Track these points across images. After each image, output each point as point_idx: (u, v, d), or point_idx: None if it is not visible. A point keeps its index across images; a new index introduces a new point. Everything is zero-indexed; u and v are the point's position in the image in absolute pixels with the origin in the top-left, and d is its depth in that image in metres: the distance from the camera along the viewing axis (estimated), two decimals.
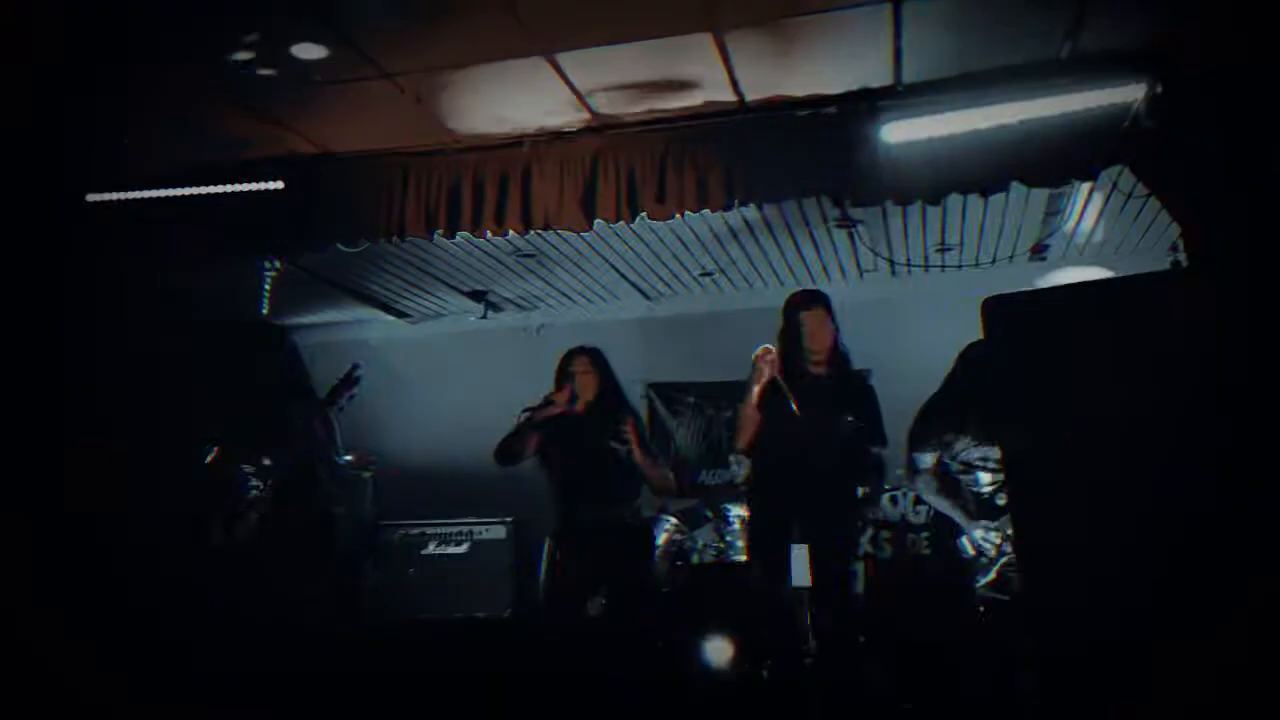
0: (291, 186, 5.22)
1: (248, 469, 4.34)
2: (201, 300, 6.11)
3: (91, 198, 5.29)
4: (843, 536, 4.28)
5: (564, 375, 4.89)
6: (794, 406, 4.13)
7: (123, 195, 5.31)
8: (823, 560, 4.11)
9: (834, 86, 4.59)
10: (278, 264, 6.55)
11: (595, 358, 4.94)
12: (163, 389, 4.96)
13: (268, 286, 6.95)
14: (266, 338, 4.88)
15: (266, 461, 4.34)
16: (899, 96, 4.57)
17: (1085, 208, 5.90)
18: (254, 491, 4.30)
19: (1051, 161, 4.44)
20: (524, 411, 4.80)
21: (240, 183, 5.26)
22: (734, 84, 4.55)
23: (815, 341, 4.38)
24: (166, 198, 5.33)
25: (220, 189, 5.30)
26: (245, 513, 4.27)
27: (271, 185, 5.26)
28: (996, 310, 1.56)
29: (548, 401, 4.77)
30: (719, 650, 2.74)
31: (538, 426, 4.80)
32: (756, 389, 4.31)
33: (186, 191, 5.32)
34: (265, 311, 7.12)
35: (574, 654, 2.88)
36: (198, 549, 4.29)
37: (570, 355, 4.96)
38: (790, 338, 4.42)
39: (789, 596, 4.07)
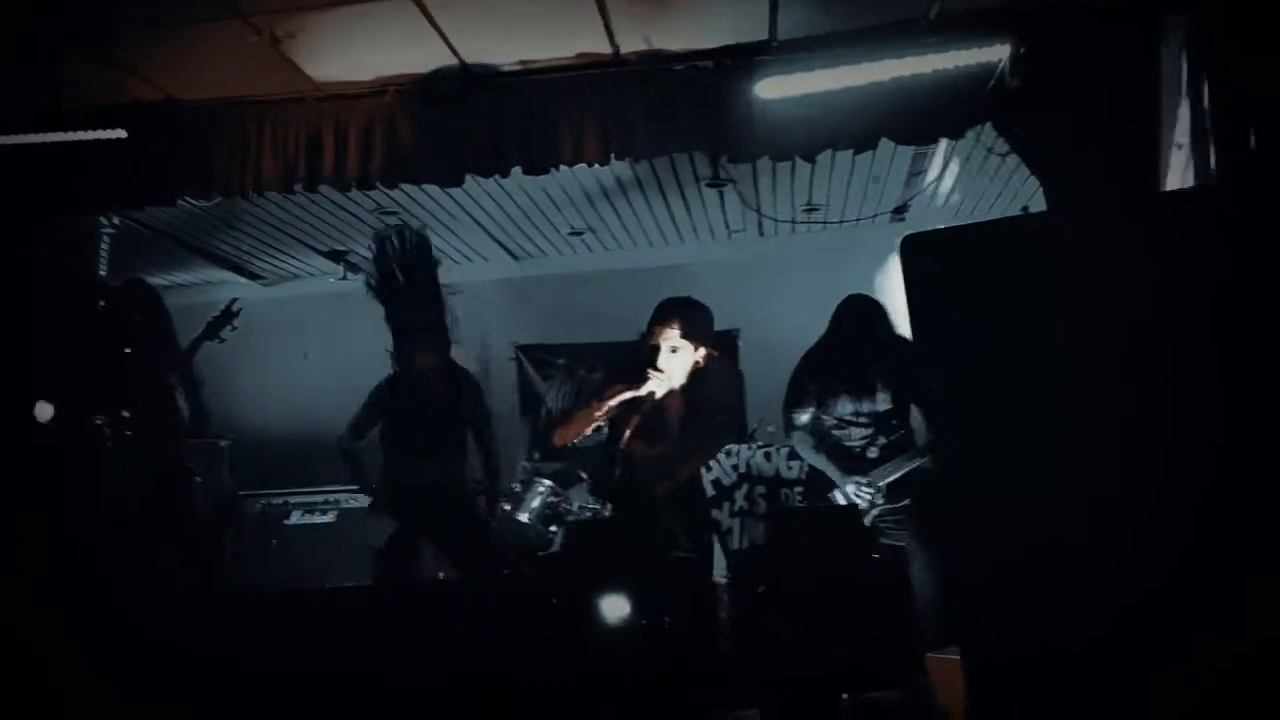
0: (136, 136, 4.85)
1: (101, 420, 4.11)
2: (32, 260, 5.66)
3: None
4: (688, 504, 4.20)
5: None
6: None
7: None
8: (686, 520, 4.13)
9: (710, 41, 4.54)
10: (115, 221, 6.13)
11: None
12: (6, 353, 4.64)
13: (105, 245, 6.50)
14: (128, 294, 4.65)
15: (125, 414, 4.13)
16: (774, 52, 4.56)
17: (946, 168, 6.06)
18: (108, 444, 4.08)
19: (921, 119, 4.52)
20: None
21: (79, 131, 4.85)
22: (609, 34, 4.44)
23: (668, 363, 3.99)
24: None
25: (57, 138, 4.88)
26: (101, 464, 4.05)
27: (113, 134, 4.87)
28: (914, 247, 1.53)
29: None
30: (616, 606, 2.71)
31: (371, 399, 5.02)
32: (582, 419, 4.17)
33: (17, 140, 4.88)
34: (102, 272, 6.68)
35: (473, 617, 2.80)
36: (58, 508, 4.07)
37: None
38: (648, 351, 4.01)
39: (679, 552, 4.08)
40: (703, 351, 4.07)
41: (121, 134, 4.84)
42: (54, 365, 4.41)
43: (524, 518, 5.54)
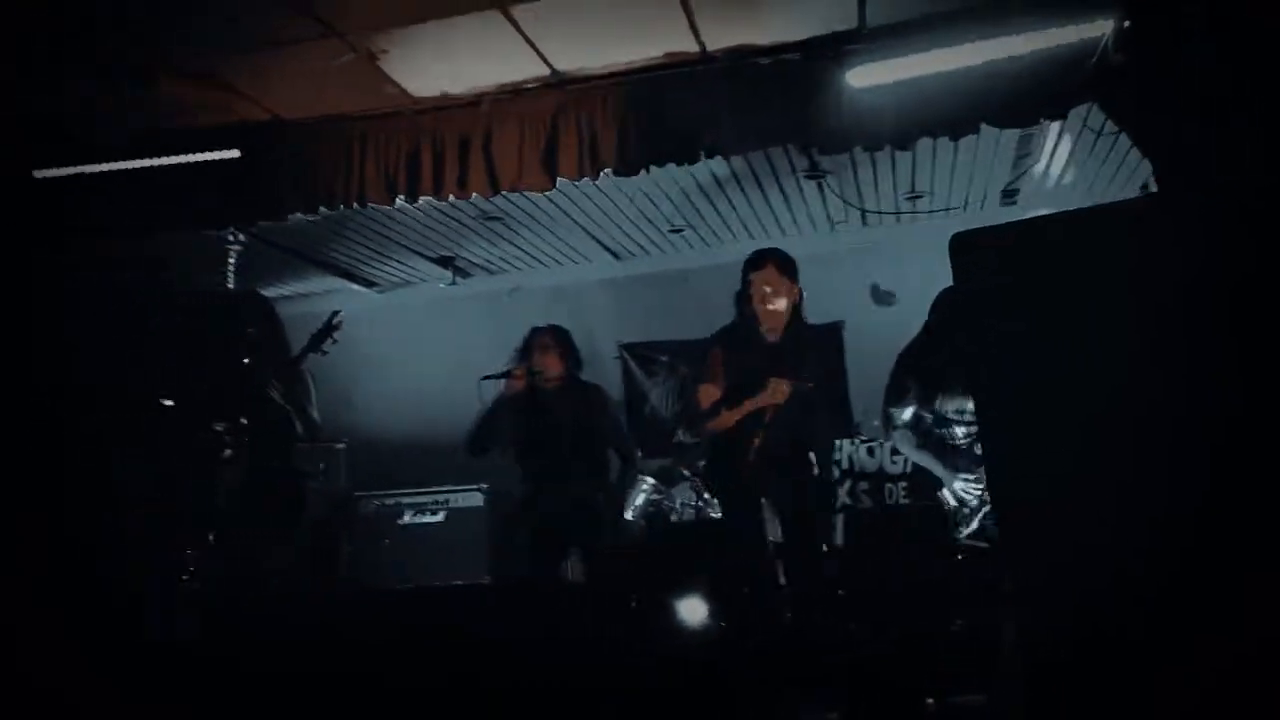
0: (247, 155, 5.09)
1: (220, 428, 4.33)
2: (167, 275, 6.01)
3: (39, 174, 5.13)
4: (804, 500, 4.27)
5: (525, 352, 5.02)
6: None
7: (73, 170, 5.16)
8: (788, 523, 4.16)
9: (798, 32, 4.49)
10: (240, 236, 6.44)
11: (558, 334, 5.08)
12: (138, 364, 4.93)
13: (232, 259, 6.83)
14: (244, 305, 4.89)
15: (243, 421, 4.34)
16: (864, 40, 4.47)
17: (1055, 148, 5.84)
18: (228, 452, 4.29)
19: (1020, 101, 4.36)
20: (482, 379, 4.91)
21: (196, 152, 5.12)
22: (695, 33, 4.44)
23: (764, 303, 4.31)
24: (119, 171, 5.19)
25: (176, 160, 5.16)
26: (219, 474, 4.26)
27: (228, 154, 5.12)
28: (964, 246, 1.49)
29: (507, 374, 4.88)
30: (694, 608, 2.71)
31: (496, 411, 4.95)
32: (704, 393, 4.31)
33: (140, 164, 5.17)
34: (229, 285, 7.02)
35: (551, 616, 2.84)
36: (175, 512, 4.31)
37: (533, 332, 5.10)
38: (742, 299, 4.37)
39: (768, 553, 4.07)
40: (797, 290, 4.38)
41: (235, 154, 5.08)
42: (175, 375, 4.64)
43: (627, 515, 5.59)
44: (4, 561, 3.92)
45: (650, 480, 5.70)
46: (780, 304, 4.33)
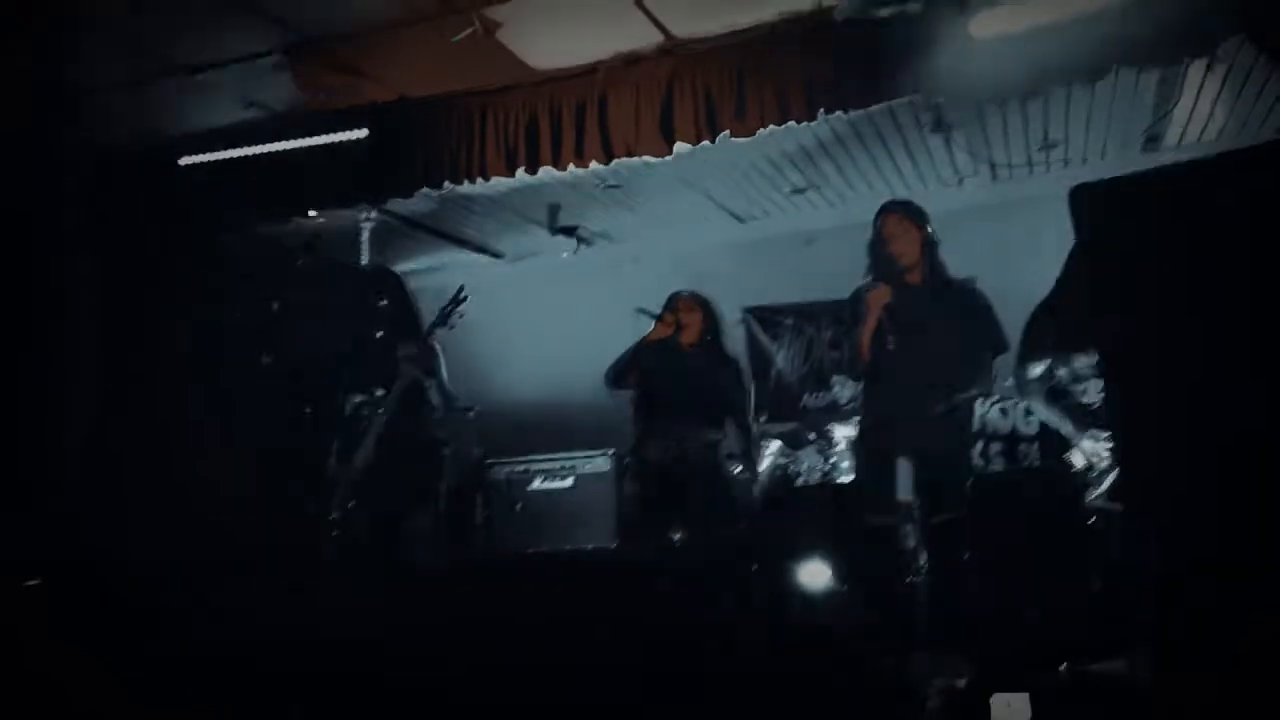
0: (374, 134, 5.25)
1: (360, 399, 4.51)
2: (300, 254, 6.27)
3: (184, 161, 5.41)
4: (950, 453, 4.18)
5: (669, 311, 5.08)
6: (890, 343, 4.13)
7: (213, 156, 5.42)
8: (929, 477, 4.05)
9: None
10: (372, 213, 6.66)
11: (699, 299, 5.16)
12: (278, 335, 5.18)
13: (365, 236, 7.08)
14: (376, 280, 5.06)
15: (379, 392, 4.52)
16: None
17: (1201, 89, 5.49)
18: (366, 421, 4.48)
19: (1158, 39, 4.11)
20: (637, 310, 5.09)
21: (326, 133, 5.31)
22: None
23: (896, 246, 4.29)
24: (259, 155, 5.43)
25: (310, 142, 5.37)
26: (360, 440, 4.45)
27: (357, 134, 5.29)
28: (1086, 199, 1.43)
29: (659, 316, 5.03)
30: (818, 573, 2.70)
31: (639, 350, 5.02)
32: (865, 333, 4.24)
33: (277, 148, 5.40)
34: (364, 261, 7.27)
35: (667, 582, 2.88)
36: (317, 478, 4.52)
37: (674, 295, 5.17)
38: (876, 245, 4.37)
39: (897, 515, 4.00)
40: (925, 230, 4.37)
41: (363, 133, 5.25)
42: (313, 351, 4.86)
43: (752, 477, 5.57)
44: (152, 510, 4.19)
45: (777, 443, 5.68)
46: (906, 246, 4.30)
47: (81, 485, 5.04)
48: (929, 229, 4.38)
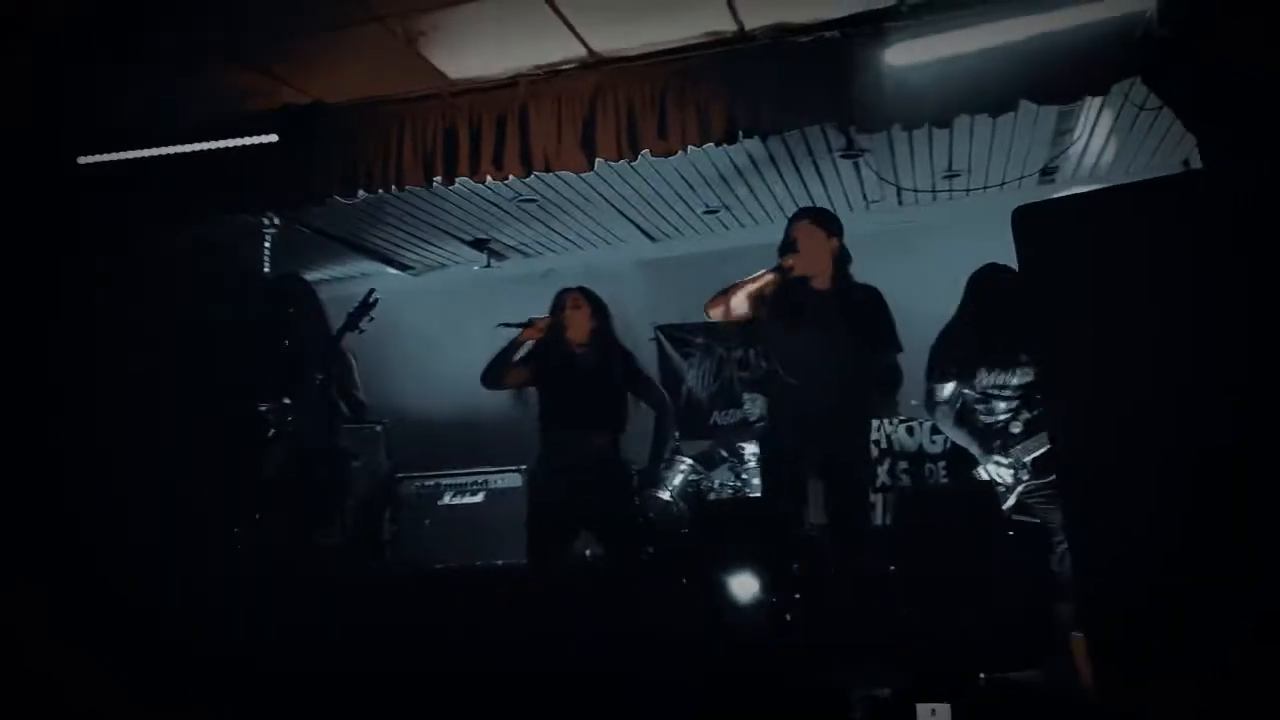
0: (286, 139, 5.13)
1: (266, 408, 4.39)
2: (204, 259, 6.07)
3: (83, 160, 5.19)
4: (856, 463, 4.29)
5: (555, 309, 4.97)
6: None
7: (114, 156, 5.22)
8: (839, 491, 4.14)
9: (836, 10, 4.46)
10: (276, 220, 6.49)
11: (587, 294, 5.01)
12: (181, 346, 5.00)
13: (268, 243, 6.89)
14: (285, 288, 4.93)
15: (286, 401, 4.39)
16: (903, 17, 4.43)
17: (1095, 125, 5.78)
18: (272, 432, 4.35)
19: (1062, 77, 4.30)
20: (498, 325, 4.99)
21: (235, 137, 5.16)
22: (733, 11, 4.42)
23: (805, 250, 4.35)
24: (160, 157, 5.24)
25: (215, 145, 5.21)
26: (267, 452, 4.33)
27: (266, 139, 5.16)
28: (1028, 219, 1.48)
29: (525, 324, 4.91)
30: (745, 586, 2.72)
31: (524, 358, 4.91)
32: (753, 285, 4.35)
33: (181, 150, 5.22)
34: (266, 269, 7.08)
35: (598, 595, 2.87)
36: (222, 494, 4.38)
37: (562, 292, 5.05)
38: (785, 248, 4.43)
39: (814, 531, 4.07)
40: (836, 241, 4.44)
41: (273, 138, 5.12)
42: (219, 358, 4.71)
43: (665, 495, 5.61)
44: (55, 544, 4.00)
45: (689, 461, 5.72)
46: (816, 252, 4.36)
47: None
48: (840, 240, 4.47)
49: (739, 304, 4.40)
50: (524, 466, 6.21)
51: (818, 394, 4.18)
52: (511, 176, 5.11)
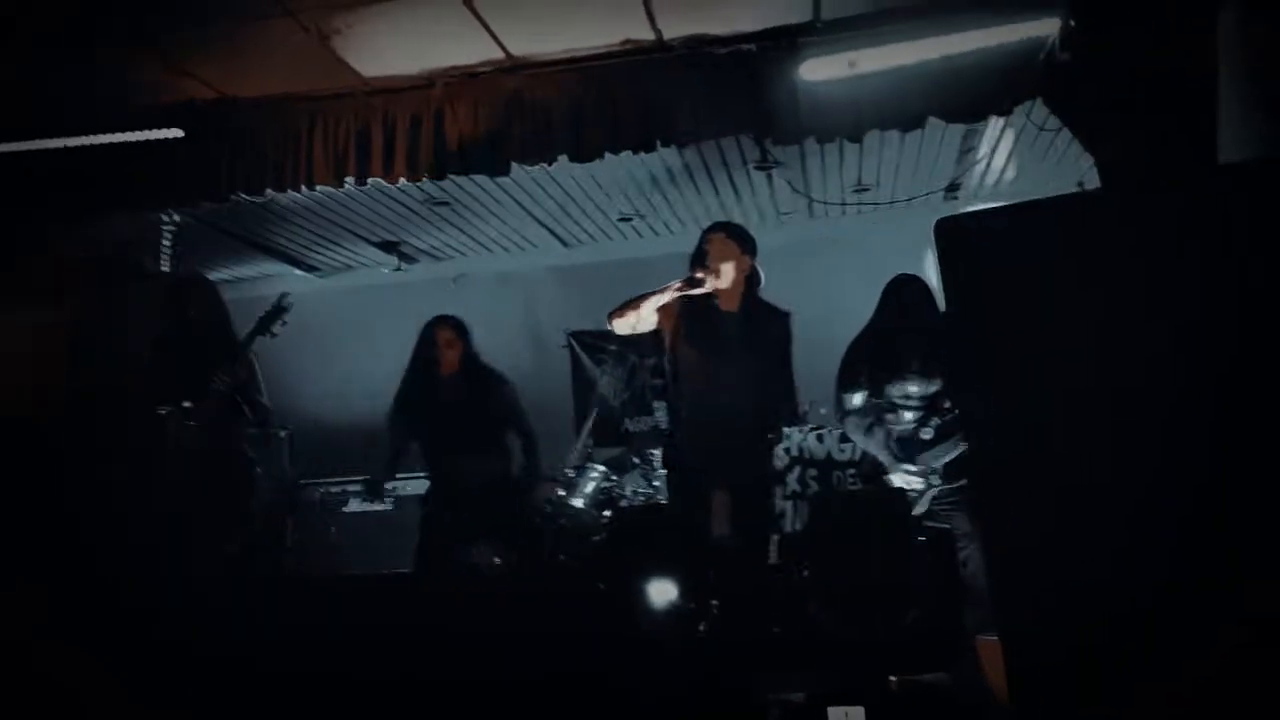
0: (192, 134, 4.97)
1: (166, 411, 4.22)
2: (100, 256, 5.84)
3: None
4: (759, 477, 4.33)
5: (427, 346, 4.99)
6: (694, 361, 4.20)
7: (8, 147, 4.99)
8: (740, 504, 4.13)
9: (753, 24, 4.52)
10: (176, 217, 6.29)
11: (456, 327, 5.03)
12: (73, 346, 4.80)
13: (168, 241, 6.67)
14: (188, 286, 4.76)
15: (187, 404, 4.23)
16: (818, 33, 4.52)
17: (998, 144, 5.97)
18: (172, 436, 4.20)
19: (969, 97, 4.44)
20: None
21: (137, 131, 4.98)
22: (652, 20, 4.44)
23: (716, 271, 4.24)
24: (56, 149, 5.03)
25: (115, 138, 5.02)
26: (168, 457, 4.17)
27: (170, 133, 5.00)
28: (951, 231, 1.52)
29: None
30: (663, 591, 2.73)
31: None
32: (659, 298, 4.27)
33: (78, 142, 5.02)
34: (165, 268, 6.85)
35: (513, 604, 2.85)
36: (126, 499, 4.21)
37: (431, 326, 5.04)
38: (694, 260, 4.33)
39: (722, 538, 4.11)
40: (748, 260, 4.34)
41: (178, 133, 4.96)
42: (118, 359, 4.53)
43: (578, 503, 5.59)
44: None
45: (601, 468, 5.71)
46: (728, 267, 4.26)
47: None
48: (753, 260, 4.40)
49: (644, 316, 4.32)
50: None
51: (716, 410, 4.17)
52: (425, 179, 5.07)
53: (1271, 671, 1.32)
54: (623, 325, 4.39)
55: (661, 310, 4.31)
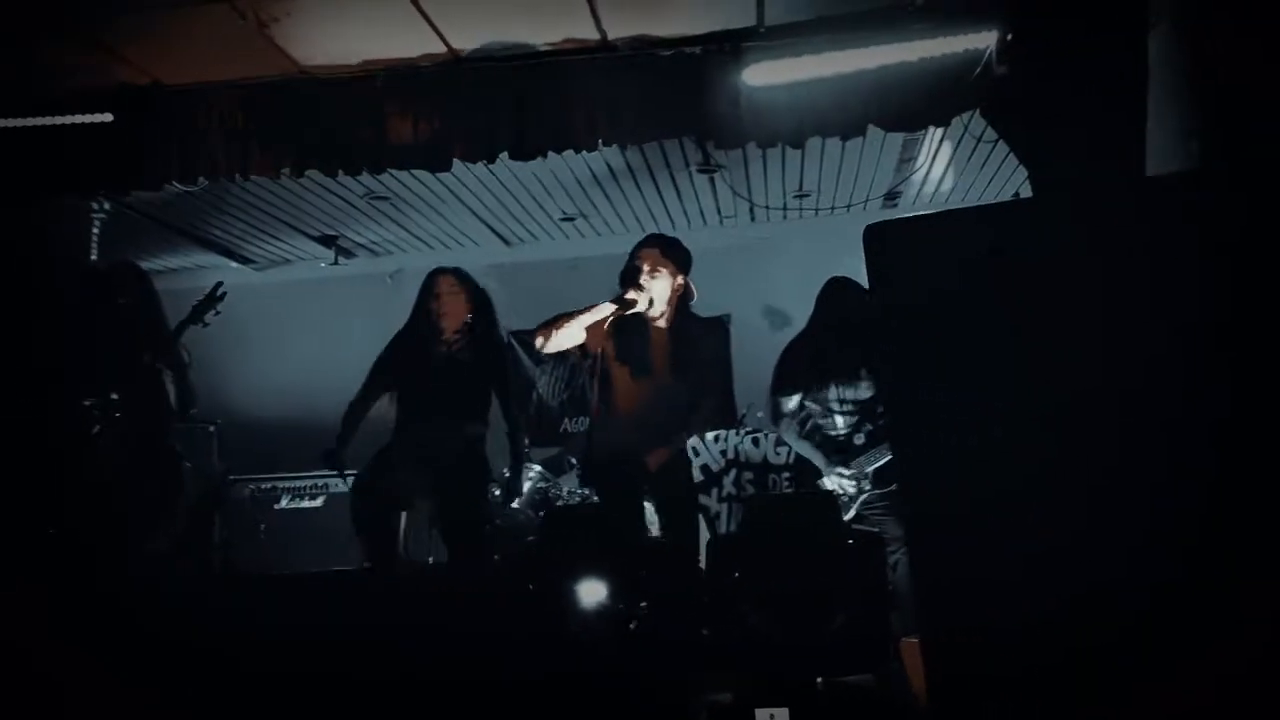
0: (123, 120, 4.85)
1: (90, 402, 4.10)
2: (23, 244, 5.66)
3: None
4: (676, 486, 4.26)
5: (426, 295, 4.61)
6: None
7: None
8: (663, 507, 4.19)
9: (698, 27, 4.54)
10: (106, 205, 6.14)
11: (463, 278, 4.67)
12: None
13: (96, 229, 6.50)
14: (117, 276, 4.61)
15: (114, 396, 4.10)
16: (761, 39, 4.55)
17: (936, 154, 6.06)
18: (97, 428, 4.07)
19: (908, 106, 4.51)
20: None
21: (65, 114, 4.84)
22: (596, 20, 4.43)
23: (648, 290, 4.12)
24: None
25: (42, 121, 4.87)
26: (91, 449, 4.04)
27: (99, 118, 4.86)
28: (879, 237, 1.54)
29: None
30: (593, 591, 2.72)
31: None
32: (586, 317, 4.12)
33: (6, 124, 4.87)
34: (93, 256, 6.68)
35: (440, 604, 2.82)
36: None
37: (433, 274, 4.66)
38: (625, 276, 4.17)
39: (654, 540, 4.12)
40: (681, 279, 4.21)
41: (108, 118, 4.83)
42: (41, 348, 4.39)
43: (514, 503, 5.55)
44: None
45: (537, 468, 5.68)
46: (660, 287, 4.15)
47: None
48: (686, 276, 4.26)
49: (569, 335, 4.16)
50: None
51: (634, 422, 4.12)
52: (364, 172, 5.01)
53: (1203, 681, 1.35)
54: (549, 344, 4.22)
55: (590, 329, 4.15)
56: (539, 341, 4.27)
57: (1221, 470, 1.36)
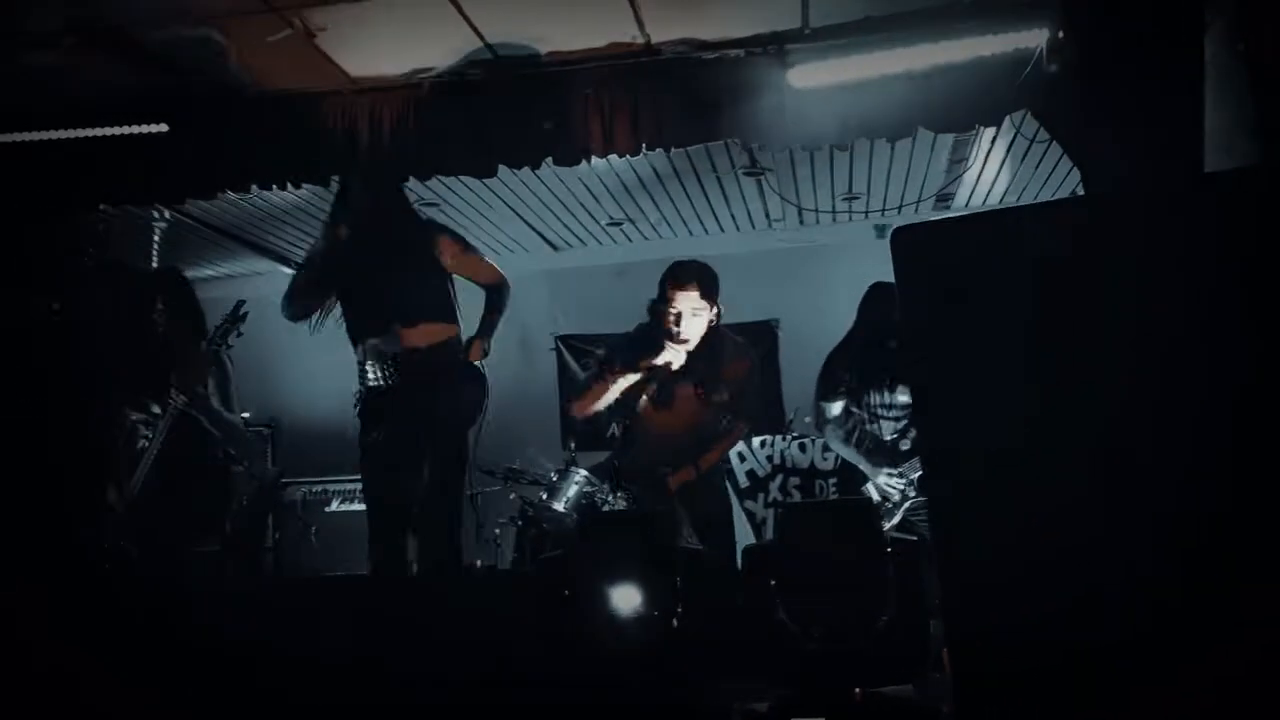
0: (177, 130, 4.94)
1: (137, 418, 4.16)
2: (85, 251, 5.80)
3: None
4: (704, 503, 4.38)
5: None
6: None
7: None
8: (698, 517, 4.32)
9: (742, 30, 4.51)
10: (166, 214, 6.28)
11: None
12: (50, 344, 4.75)
13: (157, 237, 6.66)
14: (159, 284, 4.68)
15: (156, 410, 4.16)
16: (807, 40, 4.52)
17: (989, 154, 5.96)
18: (143, 442, 4.13)
19: (957, 106, 4.43)
20: None
21: (123, 125, 4.95)
22: (640, 24, 4.43)
23: (682, 323, 4.15)
24: (43, 142, 5.00)
25: (101, 131, 4.99)
26: (137, 465, 4.10)
27: (155, 128, 4.97)
28: (907, 240, 1.50)
29: None
30: (628, 597, 2.71)
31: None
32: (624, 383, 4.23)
33: (65, 135, 4.99)
34: (155, 263, 6.83)
35: (482, 606, 2.83)
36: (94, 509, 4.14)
37: None
38: (659, 313, 4.21)
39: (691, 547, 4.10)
40: (716, 310, 4.24)
41: (163, 128, 4.94)
42: (93, 356, 4.48)
43: (560, 507, 5.55)
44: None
45: (583, 473, 5.67)
46: (699, 325, 4.19)
47: None
48: (718, 308, 4.24)
49: (608, 400, 4.34)
50: None
51: (654, 447, 4.33)
52: (412, 179, 5.05)
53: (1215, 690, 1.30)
54: (585, 410, 4.38)
55: (625, 392, 4.31)
56: (574, 410, 4.44)
57: (1234, 473, 1.32)
